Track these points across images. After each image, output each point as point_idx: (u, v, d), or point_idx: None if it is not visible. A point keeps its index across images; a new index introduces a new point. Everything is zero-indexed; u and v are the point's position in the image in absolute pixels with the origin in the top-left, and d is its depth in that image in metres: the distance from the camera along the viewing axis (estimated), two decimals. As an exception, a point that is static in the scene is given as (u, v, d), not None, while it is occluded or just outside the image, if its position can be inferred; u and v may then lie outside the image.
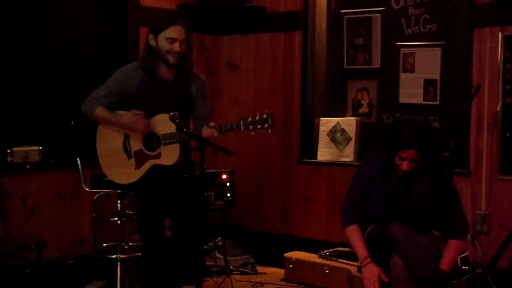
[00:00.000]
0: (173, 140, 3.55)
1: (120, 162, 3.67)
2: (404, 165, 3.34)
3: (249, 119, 3.47)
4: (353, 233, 3.52)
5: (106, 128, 3.72)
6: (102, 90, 3.69)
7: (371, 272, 3.40)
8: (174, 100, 3.62)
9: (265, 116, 3.46)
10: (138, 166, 3.64)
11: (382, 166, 3.43)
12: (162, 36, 3.56)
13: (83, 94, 4.67)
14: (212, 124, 3.54)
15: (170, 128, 3.53)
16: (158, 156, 3.60)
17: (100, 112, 3.65)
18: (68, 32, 4.68)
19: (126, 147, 3.67)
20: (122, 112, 3.67)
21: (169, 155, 3.57)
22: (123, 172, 3.67)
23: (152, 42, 3.60)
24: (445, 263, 3.40)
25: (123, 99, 3.66)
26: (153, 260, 3.72)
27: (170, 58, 3.57)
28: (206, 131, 3.50)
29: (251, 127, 3.46)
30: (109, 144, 3.71)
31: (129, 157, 3.66)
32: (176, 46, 3.56)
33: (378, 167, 3.47)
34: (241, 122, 3.48)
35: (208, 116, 3.79)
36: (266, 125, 3.46)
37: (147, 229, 3.71)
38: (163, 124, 3.56)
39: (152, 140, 3.62)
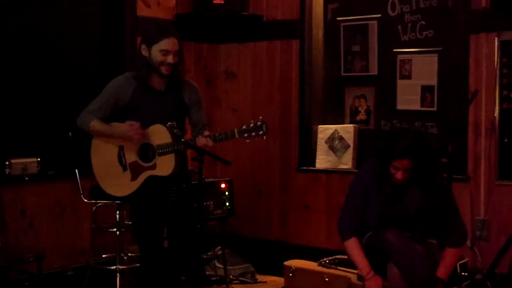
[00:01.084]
0: (168, 150, 3.55)
1: (116, 175, 3.67)
2: (398, 175, 3.34)
3: (244, 127, 3.47)
4: (353, 246, 3.48)
5: (100, 140, 3.72)
6: (96, 103, 3.70)
7: (376, 285, 3.38)
8: (168, 110, 3.62)
9: (259, 123, 3.47)
10: (134, 178, 3.63)
11: (377, 174, 3.43)
12: (155, 48, 3.57)
13: (81, 105, 4.68)
14: (206, 133, 3.54)
15: (165, 138, 3.53)
16: (153, 167, 3.59)
17: (96, 125, 3.66)
18: (66, 43, 4.69)
19: (121, 159, 3.67)
20: (116, 123, 3.67)
21: (165, 166, 3.57)
22: (119, 184, 3.66)
23: (144, 53, 3.61)
24: (442, 271, 3.39)
25: (117, 110, 3.68)
26: (152, 270, 3.71)
27: (163, 69, 3.59)
28: (201, 141, 3.50)
29: (245, 135, 3.47)
30: (103, 157, 3.70)
31: (124, 169, 3.66)
32: (170, 58, 3.57)
33: (374, 178, 3.46)
34: (235, 130, 3.48)
35: (205, 124, 3.79)
36: (261, 132, 3.46)
37: (146, 240, 3.70)
38: (158, 134, 3.56)
39: (147, 151, 3.61)
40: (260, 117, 3.52)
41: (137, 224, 3.74)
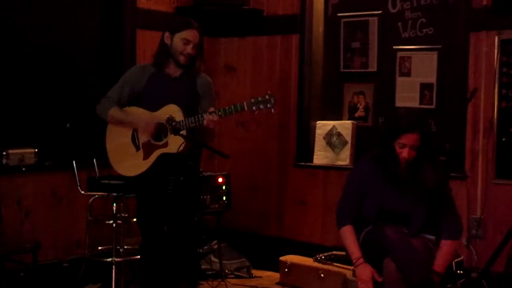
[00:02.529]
0: (179, 127, 3.59)
1: (129, 155, 3.74)
2: (405, 152, 3.34)
3: (252, 100, 3.54)
4: (347, 233, 3.52)
5: (117, 126, 3.79)
6: (114, 91, 3.81)
7: (365, 272, 3.41)
8: (180, 95, 3.71)
9: (267, 96, 3.53)
10: (146, 157, 3.70)
11: (379, 159, 3.43)
12: (178, 36, 3.71)
13: (79, 96, 4.70)
14: (211, 109, 3.59)
15: (177, 117, 3.60)
16: (165, 145, 3.66)
17: (114, 112, 3.75)
18: (65, 34, 4.68)
19: (134, 140, 3.74)
20: (132, 109, 3.75)
21: (176, 143, 3.62)
22: (132, 164, 3.73)
23: (167, 40, 3.75)
24: (438, 264, 3.41)
25: (134, 97, 3.77)
26: (151, 261, 3.75)
27: (182, 59, 3.71)
28: (208, 118, 3.54)
29: (254, 107, 3.52)
30: (118, 140, 3.78)
31: (138, 149, 3.73)
32: (189, 48, 3.70)
33: (372, 165, 3.47)
34: (244, 103, 3.54)
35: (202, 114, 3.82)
36: (269, 105, 3.53)
37: (148, 226, 3.77)
38: (171, 113, 3.62)
39: (160, 131, 3.68)
40: (268, 91, 3.57)
41: (141, 211, 3.80)
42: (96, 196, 4.38)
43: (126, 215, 4.45)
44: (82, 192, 4.32)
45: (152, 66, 3.80)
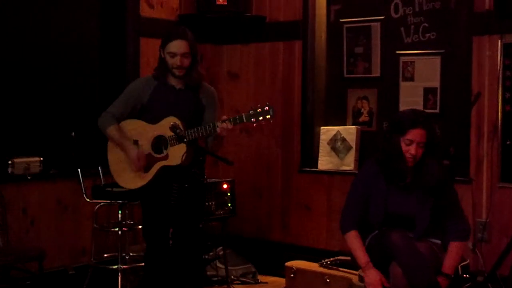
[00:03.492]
0: (179, 138, 3.60)
1: (130, 167, 3.73)
2: (412, 149, 3.34)
3: (251, 111, 3.55)
4: (353, 239, 3.52)
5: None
6: (117, 105, 3.80)
7: (373, 277, 3.41)
8: (184, 106, 3.71)
9: (266, 107, 3.54)
10: (147, 169, 3.70)
11: (384, 162, 3.43)
12: (165, 51, 3.69)
13: (83, 105, 4.72)
14: (224, 117, 3.59)
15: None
16: (165, 157, 3.66)
17: (112, 131, 3.75)
18: (68, 42, 4.70)
19: None
20: (131, 126, 3.74)
21: (176, 155, 3.63)
22: (133, 176, 3.73)
23: (162, 55, 3.73)
24: (447, 266, 3.41)
25: (137, 110, 3.77)
26: (156, 267, 3.75)
27: (176, 72, 3.70)
28: (222, 126, 3.54)
29: (252, 119, 3.53)
30: (119, 152, 3.78)
31: None
32: (177, 60, 3.65)
33: (376, 170, 3.47)
34: (243, 114, 3.55)
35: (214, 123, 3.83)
36: (268, 116, 3.54)
37: (152, 236, 3.77)
38: (173, 122, 3.62)
39: (160, 144, 3.68)
40: (267, 102, 3.58)
41: (146, 220, 3.80)
42: (102, 203, 4.39)
43: (131, 222, 4.46)
44: (88, 200, 4.33)
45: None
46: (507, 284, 4.03)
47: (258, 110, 3.53)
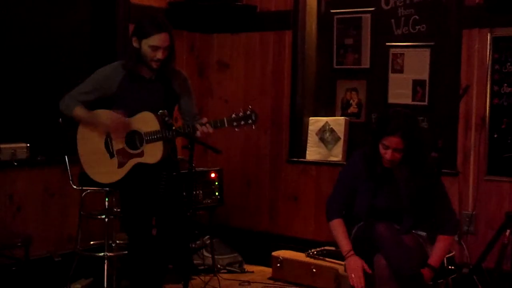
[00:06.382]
0: (156, 138, 3.54)
1: (103, 162, 3.66)
2: (388, 154, 3.36)
3: (233, 115, 3.50)
4: (337, 227, 3.54)
5: (87, 128, 3.69)
6: (81, 89, 3.68)
7: (355, 264, 3.42)
8: (156, 98, 3.61)
9: (248, 112, 3.49)
10: (120, 165, 3.62)
11: (367, 157, 3.45)
12: (145, 42, 3.54)
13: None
14: (205, 120, 3.54)
15: (153, 125, 3.52)
16: (141, 154, 3.59)
17: (79, 111, 3.64)
18: (57, 29, 4.66)
19: (108, 146, 3.66)
20: (100, 111, 3.64)
21: (153, 153, 3.56)
22: (106, 171, 3.65)
23: (135, 45, 3.59)
24: (433, 258, 3.43)
25: (104, 98, 3.65)
26: (139, 258, 3.71)
27: (153, 64, 3.57)
28: (202, 129, 3.48)
29: (234, 124, 3.49)
30: (90, 144, 3.69)
31: (111, 156, 3.65)
32: (159, 54, 3.54)
33: (364, 163, 3.48)
34: (224, 119, 3.50)
35: (196, 113, 3.79)
36: (250, 121, 3.49)
37: (134, 227, 3.69)
38: (146, 122, 3.55)
39: (135, 139, 3.60)
40: (249, 106, 3.54)
41: (126, 212, 3.73)
42: (88, 191, 4.36)
43: (118, 209, 4.43)
44: (74, 187, 4.30)
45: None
46: (492, 276, 4.06)
47: (240, 115, 3.48)
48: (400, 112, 3.43)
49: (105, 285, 4.19)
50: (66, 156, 4.29)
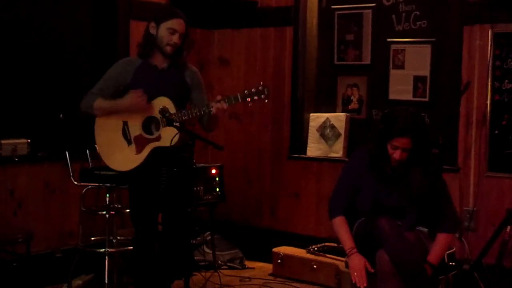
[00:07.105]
0: (171, 116, 3.57)
1: (120, 149, 3.70)
2: (396, 154, 3.35)
3: (246, 91, 3.57)
4: (340, 224, 3.54)
5: (104, 118, 3.74)
6: (98, 86, 3.76)
7: (357, 262, 3.42)
8: (170, 87, 3.68)
9: (260, 87, 3.57)
10: (138, 151, 3.67)
11: (373, 156, 3.45)
12: (164, 26, 3.65)
13: (73, 87, 4.69)
14: (219, 97, 3.60)
15: (170, 109, 3.57)
16: (158, 138, 3.64)
17: (99, 103, 3.71)
18: (58, 25, 4.66)
19: (125, 133, 3.70)
20: (119, 99, 3.70)
21: (169, 136, 3.60)
22: (124, 158, 3.69)
23: (152, 31, 3.69)
24: (433, 256, 3.43)
25: (119, 91, 3.72)
26: (144, 254, 3.74)
27: (168, 49, 3.66)
28: (217, 106, 3.55)
29: (248, 99, 3.56)
30: (108, 134, 3.73)
31: (129, 143, 3.69)
32: (176, 38, 3.65)
33: (367, 160, 3.48)
34: (238, 94, 3.58)
35: (208, 103, 3.82)
36: (263, 95, 3.57)
37: (140, 221, 3.75)
38: (163, 105, 3.58)
39: (151, 125, 3.66)
40: (261, 82, 3.61)
41: (134, 204, 3.77)
42: (89, 187, 4.37)
43: (119, 206, 4.45)
44: (75, 183, 4.31)
45: (137, 58, 3.74)
46: (493, 272, 4.06)
47: (253, 90, 3.56)
48: (407, 110, 3.41)
49: (106, 281, 4.19)
50: (67, 152, 4.30)
